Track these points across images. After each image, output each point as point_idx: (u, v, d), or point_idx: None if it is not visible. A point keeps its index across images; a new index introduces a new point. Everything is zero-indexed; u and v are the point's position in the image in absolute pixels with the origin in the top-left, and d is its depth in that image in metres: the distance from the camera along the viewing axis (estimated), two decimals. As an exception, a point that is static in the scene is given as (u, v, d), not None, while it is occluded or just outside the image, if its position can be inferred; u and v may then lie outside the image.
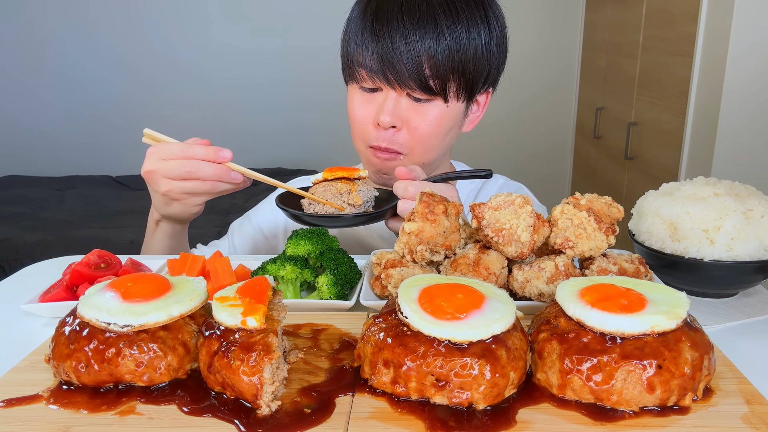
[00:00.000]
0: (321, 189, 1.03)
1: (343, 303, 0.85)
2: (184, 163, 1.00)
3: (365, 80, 1.13)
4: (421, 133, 1.13)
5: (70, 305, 0.83)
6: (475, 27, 1.10)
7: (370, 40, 1.09)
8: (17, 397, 0.64)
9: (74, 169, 4.35)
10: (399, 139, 1.14)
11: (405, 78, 1.08)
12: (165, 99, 4.28)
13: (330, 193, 1.02)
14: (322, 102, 4.20)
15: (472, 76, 1.13)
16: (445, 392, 0.60)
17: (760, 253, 0.88)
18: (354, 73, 1.15)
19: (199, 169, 1.00)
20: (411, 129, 1.13)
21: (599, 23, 3.74)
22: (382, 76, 1.10)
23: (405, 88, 1.10)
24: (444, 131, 1.16)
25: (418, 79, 1.08)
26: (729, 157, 2.28)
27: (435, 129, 1.14)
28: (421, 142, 1.14)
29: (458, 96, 1.14)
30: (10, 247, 3.03)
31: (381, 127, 1.13)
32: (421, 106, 1.12)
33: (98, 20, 4.20)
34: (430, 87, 1.09)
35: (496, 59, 1.16)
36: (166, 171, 1.01)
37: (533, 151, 4.40)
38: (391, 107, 1.11)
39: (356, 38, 1.12)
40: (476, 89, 1.16)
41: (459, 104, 1.16)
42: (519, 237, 0.80)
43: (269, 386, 0.60)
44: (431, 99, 1.12)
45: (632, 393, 0.59)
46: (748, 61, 2.18)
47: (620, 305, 0.63)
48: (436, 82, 1.09)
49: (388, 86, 1.11)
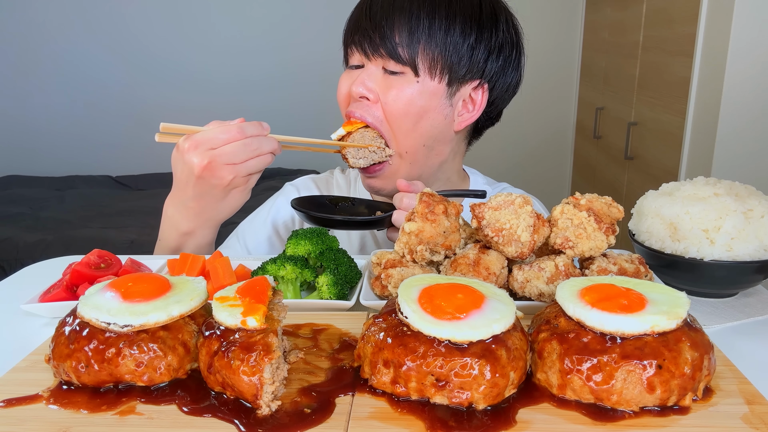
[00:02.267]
0: (359, 136, 1.12)
1: (343, 303, 0.85)
2: (246, 143, 0.97)
3: (353, 56, 1.18)
4: (393, 109, 1.13)
5: (70, 305, 0.83)
6: (461, 13, 1.12)
7: (360, 15, 1.15)
8: (17, 397, 0.64)
9: (74, 169, 4.34)
10: (373, 111, 1.15)
11: (377, 46, 1.11)
12: (165, 99, 4.28)
13: (368, 138, 1.13)
14: (322, 102, 4.20)
15: (449, 57, 1.12)
16: (445, 392, 0.60)
17: (760, 253, 0.88)
18: (347, 52, 1.20)
19: (261, 144, 0.99)
20: (384, 105, 1.14)
21: (599, 23, 3.74)
22: (360, 47, 1.14)
23: (377, 57, 1.12)
24: (415, 110, 1.13)
25: (388, 46, 1.10)
26: (729, 157, 2.28)
27: (406, 106, 1.13)
28: (395, 119, 1.14)
29: (431, 73, 1.12)
30: (10, 247, 3.03)
31: (353, 99, 1.16)
32: (392, 78, 1.13)
33: (98, 20, 4.20)
34: (399, 55, 1.11)
35: (482, 52, 1.14)
36: (229, 157, 0.97)
37: (533, 151, 4.40)
38: (363, 77, 1.14)
39: (351, 18, 1.18)
40: (457, 75, 1.14)
41: (436, 85, 1.13)
42: (519, 237, 0.80)
43: (269, 386, 0.60)
44: (403, 72, 1.12)
45: (632, 393, 0.59)
46: (748, 61, 2.18)
47: (620, 305, 0.63)
48: (404, 51, 1.11)
49: (365, 58, 1.14)
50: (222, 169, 0.98)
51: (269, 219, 1.35)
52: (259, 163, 1.01)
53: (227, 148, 0.96)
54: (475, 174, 1.40)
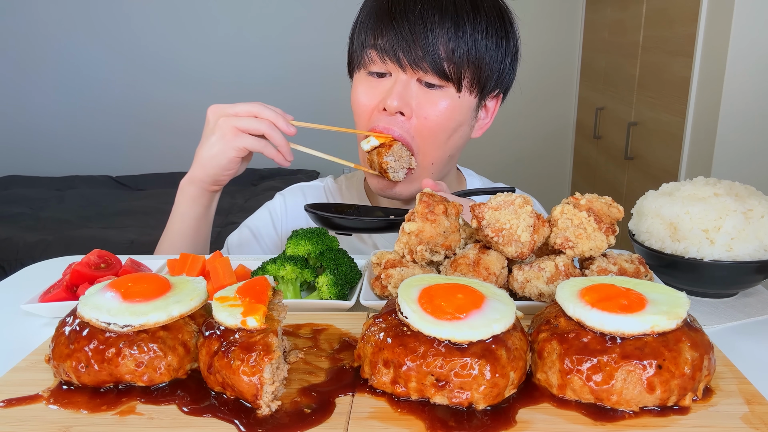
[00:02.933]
0: (397, 149, 1.09)
1: (343, 303, 0.85)
2: (250, 103, 1.07)
3: (375, 62, 1.09)
4: (431, 124, 1.08)
5: (70, 305, 0.83)
6: (493, 25, 1.08)
7: (385, 20, 1.06)
8: (17, 397, 0.64)
9: (74, 169, 4.35)
10: (407, 127, 1.09)
11: (419, 59, 1.04)
12: (165, 99, 4.28)
13: (403, 152, 1.10)
14: (322, 101, 4.20)
15: (487, 71, 1.09)
16: (445, 392, 0.60)
17: (760, 253, 0.88)
18: (363, 56, 1.11)
19: (263, 110, 1.06)
20: (421, 119, 1.08)
21: (599, 23, 3.74)
22: (393, 56, 1.05)
23: (417, 70, 1.05)
24: (453, 125, 1.11)
25: (432, 60, 1.04)
26: (729, 157, 2.28)
27: (445, 121, 1.09)
28: (431, 134, 1.09)
29: (471, 88, 1.09)
30: (10, 247, 3.04)
31: (387, 113, 1.08)
32: (431, 93, 1.07)
33: (98, 20, 4.20)
34: (444, 71, 1.04)
35: (509, 63, 1.14)
36: (229, 107, 1.08)
37: (533, 151, 4.40)
38: (400, 90, 1.06)
39: (369, 21, 1.09)
40: (488, 87, 1.13)
41: (470, 99, 1.11)
42: (519, 237, 0.80)
43: (269, 386, 0.60)
44: (443, 86, 1.07)
45: (632, 393, 0.59)
46: (748, 61, 2.18)
47: (620, 305, 0.63)
48: (451, 66, 1.05)
49: (398, 68, 1.06)
50: (216, 110, 1.09)
51: (253, 227, 1.35)
52: (252, 123, 1.05)
53: (235, 105, 1.08)
54: (471, 175, 1.40)
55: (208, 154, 1.09)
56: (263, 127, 1.05)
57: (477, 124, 1.20)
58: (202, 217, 1.18)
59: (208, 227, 1.22)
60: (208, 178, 1.12)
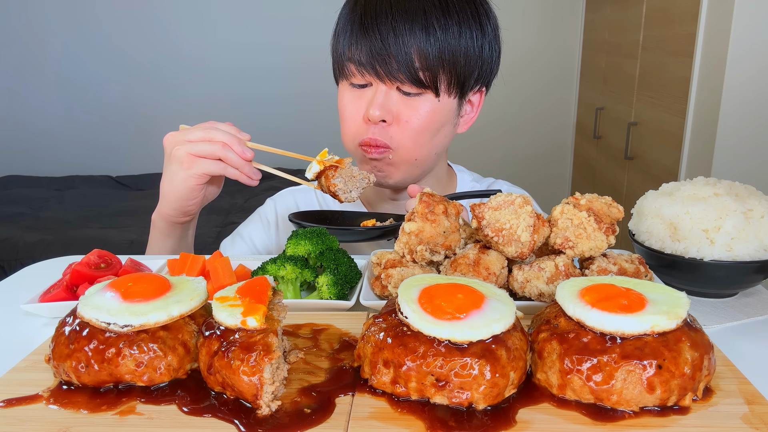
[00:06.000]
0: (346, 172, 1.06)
1: (343, 303, 0.85)
2: (204, 126, 1.06)
3: (354, 75, 1.12)
4: (412, 128, 1.12)
5: (70, 305, 0.83)
6: (467, 23, 1.09)
7: (359, 33, 1.09)
8: (17, 397, 0.64)
9: (74, 169, 4.35)
10: (390, 133, 1.12)
11: (394, 70, 1.07)
12: (165, 99, 4.28)
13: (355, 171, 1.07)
14: (322, 102, 4.20)
15: (464, 71, 1.11)
16: (445, 392, 0.60)
17: (760, 253, 0.88)
18: (343, 69, 1.14)
19: (215, 134, 1.04)
20: (402, 123, 1.11)
21: (599, 23, 3.74)
22: (371, 69, 1.09)
23: (395, 81, 1.09)
24: (435, 126, 1.14)
25: (407, 71, 1.07)
26: (729, 157, 2.28)
27: (426, 123, 1.12)
28: (412, 136, 1.12)
29: (449, 91, 1.12)
30: (10, 247, 3.03)
31: (371, 122, 1.12)
32: (411, 100, 1.11)
33: (98, 20, 4.20)
34: (420, 79, 1.08)
35: (488, 57, 1.15)
36: (184, 133, 1.06)
37: (533, 151, 4.40)
38: (381, 100, 1.10)
39: (345, 33, 1.11)
40: (468, 86, 1.15)
41: (450, 100, 1.14)
42: (519, 237, 0.80)
43: (269, 386, 0.60)
44: (421, 93, 1.10)
45: (632, 393, 0.59)
46: (748, 61, 2.18)
47: (620, 305, 0.63)
48: (426, 74, 1.08)
49: (377, 80, 1.10)
50: (171, 138, 1.07)
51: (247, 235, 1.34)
52: (206, 147, 1.04)
53: (190, 131, 1.06)
54: (462, 171, 1.40)
55: (170, 186, 1.08)
56: (217, 150, 1.03)
57: (462, 120, 1.22)
58: (179, 247, 1.18)
59: (189, 249, 1.22)
60: (174, 211, 1.11)
